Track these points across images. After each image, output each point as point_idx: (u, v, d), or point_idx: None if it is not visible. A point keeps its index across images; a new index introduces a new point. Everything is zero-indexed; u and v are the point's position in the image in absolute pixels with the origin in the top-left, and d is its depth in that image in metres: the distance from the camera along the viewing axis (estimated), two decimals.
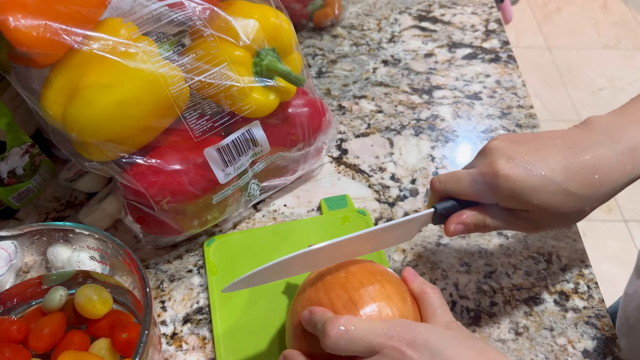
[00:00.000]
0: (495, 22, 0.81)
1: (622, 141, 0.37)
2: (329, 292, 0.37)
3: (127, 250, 0.38)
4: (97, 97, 0.39)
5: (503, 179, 0.36)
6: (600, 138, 0.38)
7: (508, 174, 0.36)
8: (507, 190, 0.36)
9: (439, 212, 0.40)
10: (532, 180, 0.36)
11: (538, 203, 0.36)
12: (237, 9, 0.45)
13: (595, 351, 0.44)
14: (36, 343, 0.39)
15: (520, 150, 0.37)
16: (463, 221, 0.39)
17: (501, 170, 0.36)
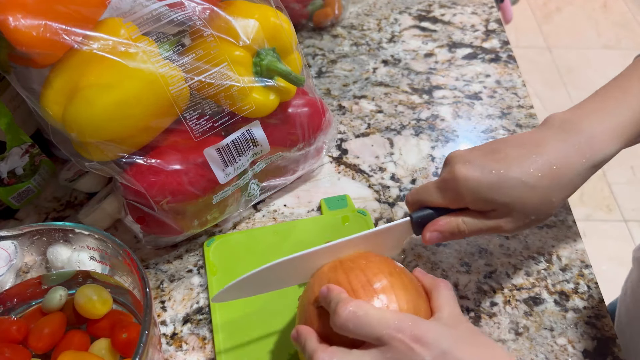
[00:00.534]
0: (495, 22, 0.81)
1: (578, 132, 0.39)
2: (348, 274, 0.37)
3: (127, 250, 0.38)
4: (97, 97, 0.39)
5: (462, 181, 0.38)
6: (556, 132, 0.39)
7: (466, 176, 0.38)
8: (468, 192, 0.38)
9: (414, 220, 0.41)
10: (489, 178, 0.38)
11: (501, 200, 0.38)
12: (237, 9, 0.45)
13: (595, 351, 0.44)
14: (36, 343, 0.39)
15: (476, 154, 0.39)
16: (438, 228, 0.40)
17: (459, 174, 0.38)
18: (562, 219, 0.54)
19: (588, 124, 0.39)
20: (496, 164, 0.38)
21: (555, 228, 0.53)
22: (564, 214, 0.54)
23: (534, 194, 0.38)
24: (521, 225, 0.40)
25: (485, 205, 0.39)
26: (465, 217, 0.40)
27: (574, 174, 0.38)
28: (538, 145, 0.39)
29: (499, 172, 0.38)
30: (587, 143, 0.38)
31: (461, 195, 0.39)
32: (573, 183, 0.39)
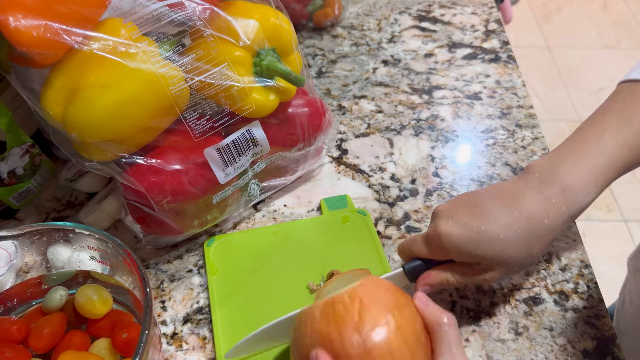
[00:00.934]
0: (495, 22, 0.81)
1: (553, 183, 0.40)
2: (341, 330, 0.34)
3: (127, 250, 0.38)
4: (97, 97, 0.39)
5: (445, 237, 0.40)
6: (533, 184, 0.41)
7: (448, 232, 0.40)
8: (452, 247, 0.40)
9: (406, 270, 0.43)
10: (470, 235, 0.39)
11: (482, 254, 0.39)
12: (237, 9, 0.45)
13: (595, 351, 0.44)
14: (36, 343, 0.39)
15: (458, 210, 0.41)
16: (428, 282, 0.42)
17: (442, 231, 0.40)
18: None
19: (564, 172, 0.40)
20: (476, 220, 0.40)
21: None
22: None
23: (513, 247, 0.39)
24: (505, 275, 0.42)
25: (469, 259, 0.40)
26: (453, 272, 0.41)
27: (550, 227, 0.39)
28: (515, 198, 0.40)
29: (479, 228, 0.39)
30: (562, 195, 0.40)
31: (445, 250, 0.40)
32: (551, 234, 0.40)
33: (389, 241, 0.53)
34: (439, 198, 0.57)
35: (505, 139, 0.63)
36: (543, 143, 0.62)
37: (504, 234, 0.39)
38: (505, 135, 0.63)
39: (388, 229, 0.54)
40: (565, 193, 0.40)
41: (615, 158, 0.41)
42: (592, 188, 0.40)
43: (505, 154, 0.61)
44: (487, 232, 0.39)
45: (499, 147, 0.62)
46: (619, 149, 0.41)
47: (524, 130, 0.64)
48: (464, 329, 0.46)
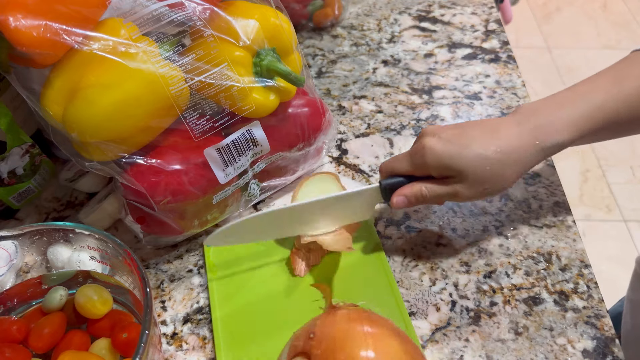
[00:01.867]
0: (495, 22, 0.81)
1: (533, 118, 0.44)
2: None
3: (127, 250, 0.38)
4: (98, 97, 0.39)
5: (428, 150, 0.44)
6: (516, 119, 0.45)
7: (432, 146, 0.44)
8: (432, 159, 0.44)
9: (383, 186, 0.47)
10: (451, 149, 0.44)
11: (458, 167, 0.44)
12: (237, 9, 0.46)
13: (595, 351, 0.44)
14: (36, 343, 0.39)
15: (444, 129, 0.46)
16: (403, 193, 0.46)
17: (427, 144, 0.44)
18: (562, 219, 0.54)
19: (546, 112, 0.45)
20: (459, 139, 0.44)
21: (554, 228, 0.53)
22: (564, 214, 0.54)
23: (487, 164, 0.43)
24: (475, 192, 0.45)
25: (445, 171, 0.44)
26: (427, 184, 0.45)
27: (524, 154, 0.44)
28: (497, 129, 0.45)
29: (460, 144, 0.44)
30: (539, 129, 0.44)
31: (426, 162, 0.45)
32: (524, 162, 0.44)
33: (389, 241, 0.53)
34: None
35: None
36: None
37: (480, 151, 0.43)
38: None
39: (388, 229, 0.54)
40: (542, 128, 0.44)
41: (597, 111, 0.44)
42: (570, 130, 0.44)
43: None
44: (466, 148, 0.43)
45: None
46: (603, 104, 0.44)
47: None
48: (464, 329, 0.46)
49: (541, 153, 0.44)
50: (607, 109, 0.44)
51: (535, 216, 0.54)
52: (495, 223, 0.54)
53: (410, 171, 0.46)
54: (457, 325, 0.46)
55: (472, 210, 0.55)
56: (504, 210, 0.55)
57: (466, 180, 0.44)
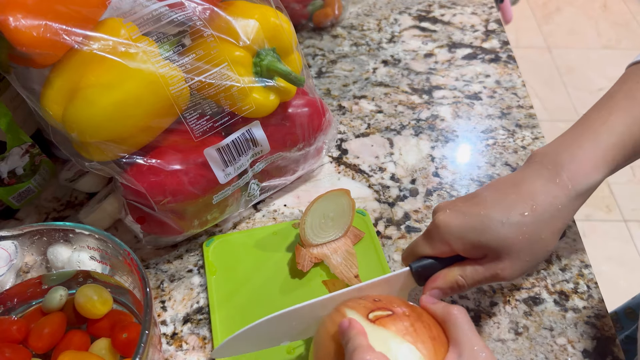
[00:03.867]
0: (495, 22, 0.81)
1: (557, 166, 0.38)
2: None
3: (127, 250, 0.38)
4: (98, 97, 0.39)
5: (444, 228, 0.38)
6: (535, 169, 0.39)
7: (446, 222, 0.38)
8: (453, 238, 0.38)
9: (414, 270, 0.40)
10: (470, 222, 0.37)
11: (487, 242, 0.37)
12: (237, 9, 0.45)
13: (595, 351, 0.44)
14: (36, 343, 0.39)
15: (456, 202, 0.40)
16: (436, 286, 0.39)
17: (440, 221, 0.38)
18: None
19: (569, 155, 0.38)
20: (476, 208, 0.38)
21: None
22: None
23: (518, 232, 0.36)
24: (519, 269, 0.38)
25: (475, 251, 0.38)
26: (463, 271, 0.38)
27: (556, 209, 0.37)
28: (516, 185, 0.38)
29: (479, 214, 0.37)
30: (567, 175, 0.37)
31: (447, 242, 0.38)
32: (560, 217, 0.37)
33: (389, 241, 0.53)
34: (439, 198, 0.57)
35: (505, 139, 0.63)
36: (543, 143, 0.62)
37: (505, 219, 0.36)
38: (505, 135, 0.63)
39: (388, 229, 0.54)
40: (569, 173, 0.37)
41: (625, 137, 0.38)
42: (601, 168, 0.38)
43: (505, 154, 0.61)
44: (487, 218, 0.37)
45: (499, 147, 0.62)
46: (629, 128, 0.38)
47: (524, 130, 0.64)
48: None
49: (577, 200, 0.37)
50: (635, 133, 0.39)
51: None
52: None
53: (434, 253, 0.40)
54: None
55: None
56: None
57: (502, 257, 0.37)
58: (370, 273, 0.49)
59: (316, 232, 0.49)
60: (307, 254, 0.49)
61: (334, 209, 0.49)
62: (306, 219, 0.48)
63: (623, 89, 0.41)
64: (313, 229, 0.49)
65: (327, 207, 0.49)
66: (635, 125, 0.39)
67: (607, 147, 0.38)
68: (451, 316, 0.34)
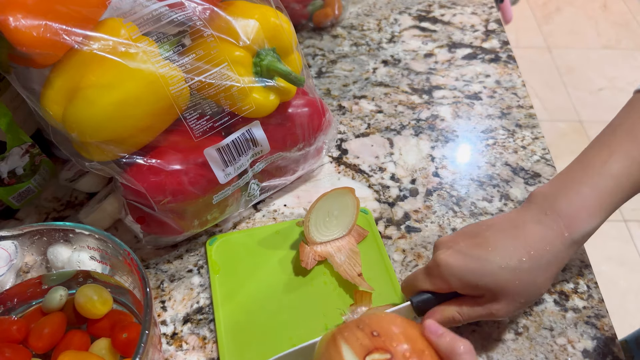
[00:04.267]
0: (495, 22, 0.81)
1: (554, 213, 0.39)
2: None
3: (127, 250, 0.38)
4: (98, 97, 0.39)
5: (444, 267, 0.39)
6: (534, 214, 0.40)
7: (447, 262, 0.39)
8: (453, 278, 0.39)
9: (414, 304, 0.42)
10: (470, 265, 0.38)
11: (485, 285, 0.38)
12: (237, 9, 0.46)
13: (595, 351, 0.44)
14: (36, 343, 0.39)
15: (458, 240, 0.41)
16: (435, 319, 0.40)
17: (441, 260, 0.39)
18: None
19: (566, 201, 0.39)
20: (476, 250, 0.39)
21: None
22: None
23: (515, 277, 0.38)
24: (513, 309, 0.40)
25: (473, 291, 0.39)
26: (460, 308, 0.40)
27: (552, 255, 0.38)
28: (516, 228, 0.40)
29: (479, 257, 0.38)
30: (564, 223, 0.39)
31: (447, 281, 0.40)
32: (555, 262, 0.39)
33: (389, 241, 0.53)
34: (439, 198, 0.57)
35: (505, 139, 0.63)
36: (543, 143, 0.62)
37: (505, 264, 0.38)
38: (505, 135, 0.63)
39: (388, 229, 0.54)
40: (566, 221, 0.39)
41: (622, 179, 0.39)
42: (598, 215, 0.39)
43: (505, 154, 0.61)
44: (487, 262, 0.38)
45: (499, 147, 0.62)
46: (627, 170, 0.39)
47: (524, 130, 0.64)
48: (464, 328, 0.46)
49: (573, 246, 0.39)
50: (632, 174, 0.39)
51: None
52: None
53: (433, 289, 0.41)
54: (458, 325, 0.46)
55: (472, 210, 0.55)
56: (504, 210, 0.55)
57: (498, 298, 0.39)
58: (373, 272, 0.49)
59: (320, 230, 0.50)
60: (311, 252, 0.49)
61: (338, 207, 0.50)
62: (310, 216, 0.48)
63: (626, 123, 0.42)
64: (317, 226, 0.49)
65: (332, 205, 0.49)
66: (634, 166, 0.39)
67: (605, 193, 0.39)
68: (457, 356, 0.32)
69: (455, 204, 0.56)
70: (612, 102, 1.85)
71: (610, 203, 0.39)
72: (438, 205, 0.56)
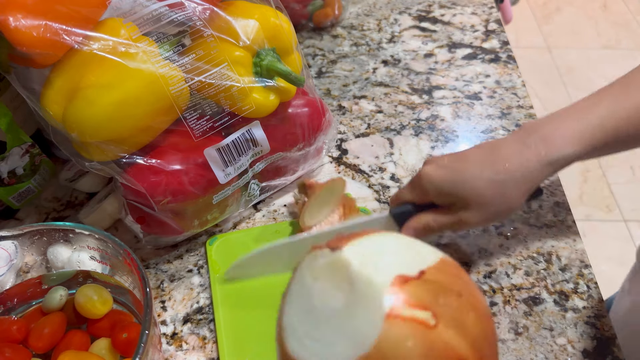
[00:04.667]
0: (495, 22, 0.81)
1: (535, 134, 0.42)
2: None
3: (127, 250, 0.38)
4: (98, 97, 0.39)
5: (425, 177, 0.43)
6: (516, 136, 0.43)
7: (428, 173, 0.43)
8: (431, 187, 0.43)
9: (392, 213, 0.46)
10: (449, 175, 0.42)
11: (457, 193, 0.42)
12: (237, 9, 0.46)
13: (594, 351, 0.44)
14: (36, 343, 0.39)
15: (443, 157, 0.44)
16: (411, 227, 0.45)
17: (423, 172, 0.44)
18: (562, 219, 0.54)
19: (549, 127, 0.42)
20: (457, 164, 0.43)
21: (554, 228, 0.53)
22: (564, 214, 0.54)
23: (488, 187, 0.41)
24: (482, 218, 0.43)
25: (447, 199, 0.43)
26: (433, 215, 0.44)
27: (527, 171, 0.41)
28: (496, 147, 0.43)
29: (457, 169, 0.42)
30: (542, 143, 0.41)
31: (426, 190, 0.43)
32: (529, 179, 0.41)
33: None
34: None
35: None
36: None
37: (479, 174, 0.41)
38: (505, 135, 0.63)
39: None
40: (544, 141, 0.41)
41: (605, 121, 0.41)
42: (576, 143, 0.41)
43: None
44: (463, 172, 0.42)
45: None
46: (612, 114, 0.42)
47: None
48: None
49: (548, 167, 0.41)
50: (616, 118, 0.41)
51: (535, 216, 0.54)
52: (495, 223, 0.54)
53: (413, 200, 0.45)
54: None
55: None
56: None
57: (469, 206, 0.42)
58: None
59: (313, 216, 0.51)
60: None
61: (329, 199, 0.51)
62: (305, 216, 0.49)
63: (623, 79, 0.44)
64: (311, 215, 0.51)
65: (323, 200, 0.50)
66: (618, 112, 0.42)
67: (588, 127, 0.41)
68: None
69: None
70: None
71: (591, 138, 0.41)
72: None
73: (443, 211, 0.44)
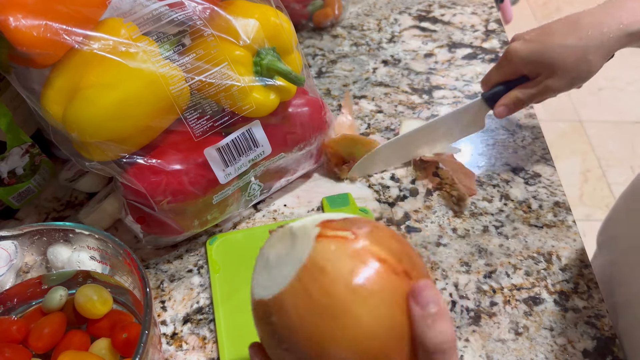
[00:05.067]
0: (495, 22, 0.81)
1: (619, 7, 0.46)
2: None
3: (127, 250, 0.38)
4: (98, 97, 0.39)
5: (513, 53, 0.49)
6: (602, 8, 0.47)
7: (516, 49, 0.49)
8: (518, 59, 0.49)
9: (484, 97, 0.53)
10: (534, 47, 0.48)
11: (545, 61, 0.47)
12: (237, 8, 0.45)
13: (595, 351, 0.44)
14: (36, 343, 0.39)
15: (528, 32, 0.50)
16: (503, 103, 0.51)
17: (512, 48, 0.50)
18: (562, 219, 0.54)
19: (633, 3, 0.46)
20: (542, 36, 0.48)
21: (555, 228, 0.53)
22: (564, 214, 0.54)
23: (572, 52, 0.46)
24: (565, 83, 0.48)
25: (534, 69, 0.49)
26: (522, 89, 0.50)
27: (607, 37, 0.46)
28: (580, 18, 0.48)
29: (543, 41, 0.48)
30: (625, 13, 0.46)
31: (513, 64, 0.49)
32: (607, 46, 0.46)
33: None
34: (439, 198, 0.57)
35: (505, 139, 0.63)
36: (543, 143, 0.62)
37: (563, 42, 0.47)
38: (505, 135, 0.63)
39: None
40: (628, 12, 0.46)
41: None
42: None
43: (505, 153, 0.61)
44: (548, 43, 0.47)
45: (499, 147, 0.62)
46: None
47: (524, 130, 0.64)
48: (464, 329, 0.46)
49: (626, 38, 0.46)
50: None
51: (536, 216, 0.54)
52: (495, 223, 0.54)
53: (504, 77, 0.51)
54: (457, 325, 0.46)
55: (472, 210, 0.55)
56: (504, 210, 0.55)
57: (554, 72, 0.47)
58: None
59: None
60: None
61: None
62: None
63: None
64: None
65: None
66: None
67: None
68: None
69: (456, 204, 0.56)
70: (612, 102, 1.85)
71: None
72: (438, 205, 0.56)
73: (529, 84, 0.49)
